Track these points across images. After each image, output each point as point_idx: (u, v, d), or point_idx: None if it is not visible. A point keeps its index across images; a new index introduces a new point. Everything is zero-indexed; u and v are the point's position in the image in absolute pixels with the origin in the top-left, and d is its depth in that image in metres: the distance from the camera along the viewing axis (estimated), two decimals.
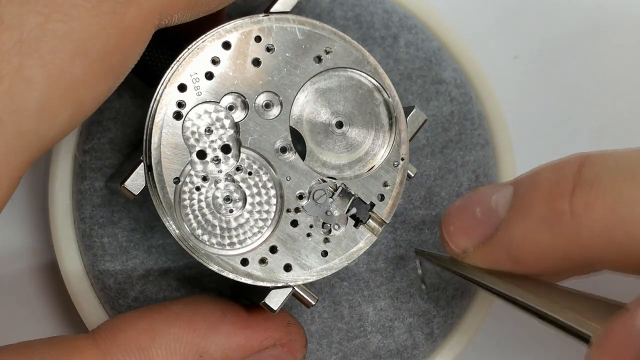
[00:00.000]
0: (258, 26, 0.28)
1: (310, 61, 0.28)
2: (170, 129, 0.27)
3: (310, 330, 0.32)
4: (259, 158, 0.28)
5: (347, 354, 0.32)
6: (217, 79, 0.27)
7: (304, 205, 0.28)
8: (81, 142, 0.32)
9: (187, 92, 0.27)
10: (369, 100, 0.29)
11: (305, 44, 0.28)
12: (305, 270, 0.28)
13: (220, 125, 0.27)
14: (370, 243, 0.29)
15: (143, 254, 0.31)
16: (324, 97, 0.29)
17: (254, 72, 0.28)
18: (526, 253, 0.27)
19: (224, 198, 0.28)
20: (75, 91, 0.23)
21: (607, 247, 0.26)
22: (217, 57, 0.27)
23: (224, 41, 0.27)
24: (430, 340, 0.33)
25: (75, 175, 0.32)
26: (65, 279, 0.32)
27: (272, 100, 0.28)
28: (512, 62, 0.38)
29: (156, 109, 0.27)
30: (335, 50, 0.28)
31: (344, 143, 0.29)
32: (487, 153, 0.34)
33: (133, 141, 0.31)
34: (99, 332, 0.27)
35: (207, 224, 0.27)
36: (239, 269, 0.27)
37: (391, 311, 0.33)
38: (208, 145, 0.27)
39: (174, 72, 0.27)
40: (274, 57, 0.28)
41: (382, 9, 0.33)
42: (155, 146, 0.27)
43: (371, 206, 0.29)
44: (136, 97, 0.31)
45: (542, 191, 0.27)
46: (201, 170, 0.27)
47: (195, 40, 0.27)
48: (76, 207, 0.31)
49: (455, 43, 0.35)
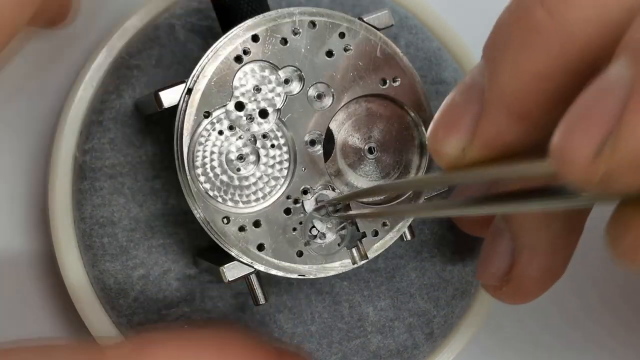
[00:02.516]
0: (347, 25, 0.28)
1: (376, 80, 0.29)
2: (225, 67, 0.27)
3: (310, 330, 0.32)
4: (288, 137, 0.28)
5: (347, 354, 0.32)
6: (289, 49, 0.28)
7: (304, 202, 0.28)
8: (81, 142, 0.32)
9: (257, 45, 0.28)
10: (407, 142, 0.29)
11: (379, 63, 0.29)
12: (273, 261, 0.28)
13: (270, 90, 0.28)
14: (345, 269, 0.29)
15: (143, 254, 0.31)
16: (369, 118, 0.29)
17: (323, 61, 0.28)
18: (522, 88, 0.22)
19: (237, 155, 0.28)
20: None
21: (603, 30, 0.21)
22: (299, 29, 0.28)
23: (310, 20, 0.28)
24: (430, 340, 0.33)
25: (75, 175, 0.32)
26: (66, 279, 0.32)
27: (326, 93, 0.28)
28: None
29: (223, 44, 0.27)
30: (402, 82, 0.29)
31: (368, 168, 0.29)
32: None
33: (134, 141, 0.31)
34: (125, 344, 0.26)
35: (212, 171, 0.28)
36: (218, 224, 0.28)
37: (391, 311, 0.33)
38: (249, 101, 0.28)
39: (256, 22, 0.28)
40: (347, 59, 0.28)
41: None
42: (206, 75, 0.27)
43: (362, 236, 0.29)
44: (136, 97, 0.31)
45: (509, 19, 0.23)
46: (232, 119, 0.28)
47: (292, 8, 0.28)
48: (76, 207, 0.31)
49: (455, 43, 0.35)
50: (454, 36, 0.35)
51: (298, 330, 0.32)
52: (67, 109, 0.32)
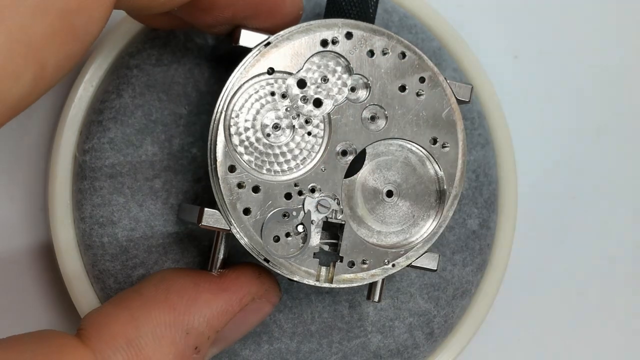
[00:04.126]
0: (431, 74, 0.29)
1: (429, 136, 0.29)
2: (309, 44, 0.28)
3: (310, 330, 0.32)
4: (327, 133, 0.28)
5: (347, 353, 0.32)
6: (371, 62, 0.28)
7: (307, 198, 0.28)
8: (81, 142, 0.32)
9: (347, 42, 0.28)
10: (425, 207, 0.29)
11: (440, 123, 0.29)
12: (250, 229, 0.28)
13: (335, 86, 0.28)
14: (304, 280, 0.28)
15: (143, 254, 0.31)
16: (403, 165, 0.29)
17: (393, 91, 0.29)
18: None
19: (274, 123, 0.28)
20: (37, 51, 0.22)
21: None
22: (389, 52, 0.28)
23: (402, 51, 0.29)
24: (430, 340, 0.33)
25: (75, 175, 0.32)
26: (66, 279, 0.32)
27: (380, 117, 0.29)
28: (512, 62, 0.38)
29: (319, 25, 0.28)
30: (449, 152, 0.29)
31: (377, 207, 0.29)
32: (487, 153, 0.34)
33: (133, 141, 0.31)
34: (84, 331, 0.26)
35: (244, 122, 0.28)
36: (221, 168, 0.28)
37: (391, 311, 0.33)
38: (312, 84, 0.28)
39: (357, 24, 0.28)
40: (415, 102, 0.29)
41: (382, 9, 0.33)
42: (290, 39, 0.28)
43: (338, 260, 0.29)
44: (135, 97, 0.31)
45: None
46: (288, 90, 0.28)
47: (393, 33, 0.28)
48: (76, 207, 0.31)
49: (455, 43, 0.35)
50: (454, 36, 0.35)
51: (298, 330, 0.32)
52: (67, 109, 0.32)
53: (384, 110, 0.29)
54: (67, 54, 0.23)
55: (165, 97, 0.31)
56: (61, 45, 0.23)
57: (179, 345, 0.27)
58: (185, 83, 0.32)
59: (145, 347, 0.26)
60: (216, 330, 0.28)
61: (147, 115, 0.31)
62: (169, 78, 0.32)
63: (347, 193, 0.29)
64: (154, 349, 0.26)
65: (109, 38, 0.32)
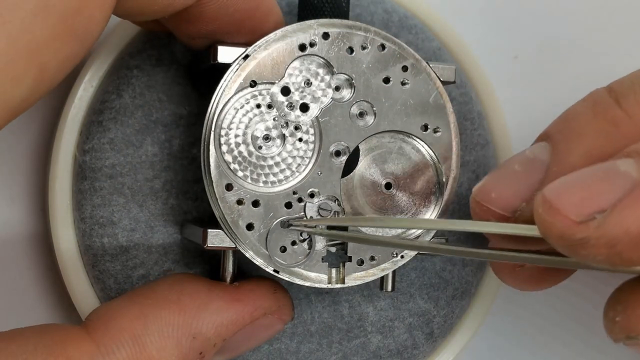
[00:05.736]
0: (413, 62, 0.29)
1: (419, 123, 0.29)
2: (288, 50, 0.28)
3: (310, 330, 0.32)
4: (317, 137, 0.28)
5: (347, 354, 0.32)
6: (352, 59, 0.28)
7: (308, 204, 0.28)
8: (81, 142, 0.32)
9: (325, 42, 0.28)
10: (424, 193, 0.29)
11: (428, 109, 0.29)
12: (256, 244, 0.28)
13: (319, 88, 0.28)
14: (318, 284, 0.28)
15: (143, 254, 0.31)
16: (397, 155, 0.29)
17: (378, 84, 0.29)
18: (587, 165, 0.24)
19: (264, 135, 0.28)
20: (38, 53, 0.22)
21: None
22: (368, 46, 0.28)
23: (382, 42, 0.28)
24: (430, 340, 0.33)
25: (75, 175, 0.32)
26: (66, 280, 0.32)
27: (369, 113, 0.29)
28: (512, 62, 0.38)
29: (294, 29, 0.28)
30: (442, 136, 0.29)
31: (379, 201, 0.29)
32: (487, 153, 0.34)
33: (133, 142, 0.31)
34: (91, 323, 0.26)
35: (235, 138, 0.28)
36: (219, 188, 0.28)
37: (391, 311, 0.33)
38: (296, 90, 0.28)
39: (332, 23, 0.28)
40: (401, 91, 0.29)
41: (382, 9, 0.33)
42: (267, 49, 0.28)
43: (347, 260, 0.29)
44: (136, 97, 0.31)
45: (586, 114, 0.26)
46: (274, 99, 0.28)
47: (369, 26, 0.28)
48: (76, 207, 0.31)
49: (455, 43, 0.35)
50: (454, 36, 0.35)
51: (298, 330, 0.32)
52: (67, 109, 0.32)
53: (371, 105, 0.29)
54: (67, 56, 0.23)
55: (165, 97, 0.31)
56: (62, 47, 0.23)
57: (183, 347, 0.27)
58: (186, 83, 0.32)
59: (150, 345, 0.26)
60: (223, 338, 0.28)
61: (147, 116, 0.31)
62: (169, 78, 0.32)
63: (346, 192, 0.29)
64: (158, 349, 0.26)
65: (109, 38, 0.32)
